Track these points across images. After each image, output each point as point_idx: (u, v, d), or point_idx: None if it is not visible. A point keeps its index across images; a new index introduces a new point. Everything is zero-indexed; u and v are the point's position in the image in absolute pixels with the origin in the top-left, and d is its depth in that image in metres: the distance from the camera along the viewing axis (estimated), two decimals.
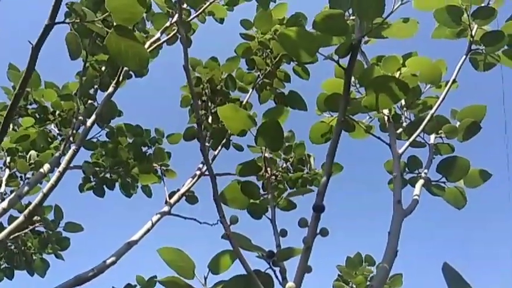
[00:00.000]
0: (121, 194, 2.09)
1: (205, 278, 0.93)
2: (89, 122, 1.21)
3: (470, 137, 1.29)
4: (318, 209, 0.78)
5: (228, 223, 0.83)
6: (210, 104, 1.98)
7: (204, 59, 2.04)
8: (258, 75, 1.89)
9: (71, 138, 1.31)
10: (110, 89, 1.22)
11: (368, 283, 2.07)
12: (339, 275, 2.13)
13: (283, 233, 0.97)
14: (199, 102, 2.04)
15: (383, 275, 0.84)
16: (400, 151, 1.10)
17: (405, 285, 2.19)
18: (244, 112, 1.07)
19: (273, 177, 1.80)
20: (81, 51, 1.03)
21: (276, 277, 0.86)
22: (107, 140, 1.78)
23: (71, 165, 1.67)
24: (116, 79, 1.23)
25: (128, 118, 2.03)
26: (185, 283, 0.86)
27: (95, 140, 1.75)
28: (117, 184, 1.91)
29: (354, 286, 2.03)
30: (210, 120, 1.87)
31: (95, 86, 1.65)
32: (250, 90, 1.92)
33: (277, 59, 1.84)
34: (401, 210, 0.96)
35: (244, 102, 1.91)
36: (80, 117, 1.42)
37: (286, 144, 1.95)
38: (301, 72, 1.89)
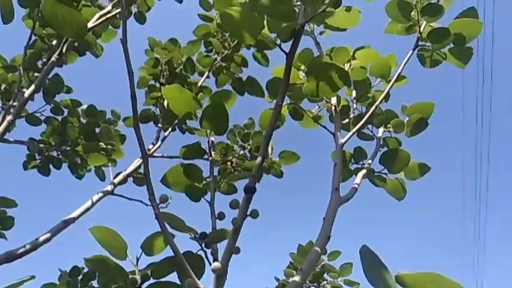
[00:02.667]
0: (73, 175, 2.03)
1: (137, 259, 0.91)
2: (27, 92, 1.15)
3: (417, 133, 1.33)
4: (249, 190, 0.77)
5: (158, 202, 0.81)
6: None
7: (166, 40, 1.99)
8: (216, 58, 1.85)
9: (11, 110, 1.24)
10: (52, 59, 1.17)
11: (316, 269, 2.11)
12: (291, 262, 2.17)
13: (221, 216, 0.97)
14: (157, 85, 1.99)
15: (313, 257, 0.85)
16: (343, 140, 1.11)
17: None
18: (189, 93, 1.04)
19: (229, 163, 1.79)
20: (13, 15, 0.97)
21: (207, 258, 0.85)
22: (53, 116, 1.71)
23: (12, 139, 1.60)
24: (59, 50, 1.17)
25: (88, 100, 1.96)
26: (113, 262, 0.84)
27: (39, 114, 1.67)
28: (66, 164, 1.85)
29: None
30: (165, 103, 1.83)
31: (43, 60, 1.58)
32: (206, 73, 1.88)
33: (235, 43, 1.81)
34: (338, 197, 0.97)
35: (198, 85, 1.88)
36: (23, 90, 1.35)
37: (245, 131, 1.95)
38: (260, 59, 1.87)
